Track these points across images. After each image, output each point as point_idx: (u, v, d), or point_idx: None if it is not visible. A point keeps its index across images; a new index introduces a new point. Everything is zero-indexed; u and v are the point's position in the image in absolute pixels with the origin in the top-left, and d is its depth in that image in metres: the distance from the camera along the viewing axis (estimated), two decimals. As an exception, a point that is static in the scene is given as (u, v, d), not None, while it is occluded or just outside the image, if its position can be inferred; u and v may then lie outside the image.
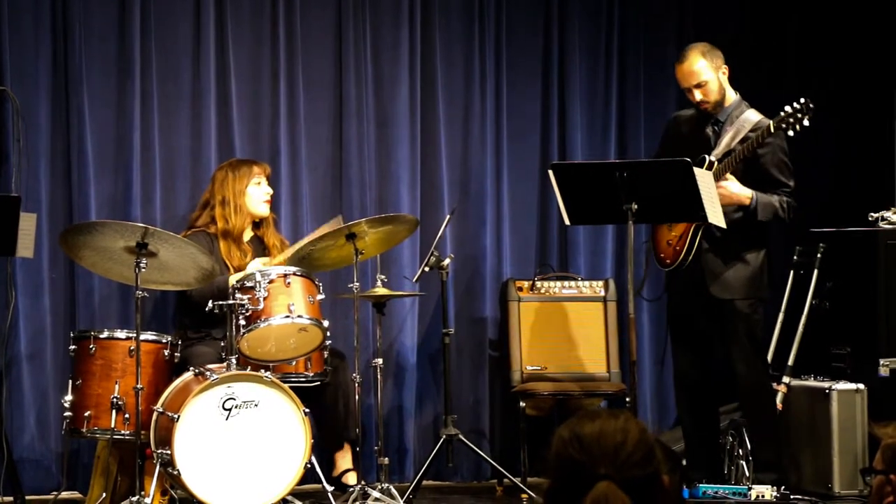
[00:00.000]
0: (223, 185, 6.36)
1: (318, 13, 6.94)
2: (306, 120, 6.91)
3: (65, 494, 6.31)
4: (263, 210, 6.44)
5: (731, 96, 6.04)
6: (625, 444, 2.28)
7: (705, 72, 5.96)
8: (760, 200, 5.87)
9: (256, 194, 6.39)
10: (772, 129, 5.73)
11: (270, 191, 6.46)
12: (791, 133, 5.74)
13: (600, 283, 7.01)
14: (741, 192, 5.85)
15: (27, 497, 6.32)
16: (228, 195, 6.34)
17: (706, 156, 5.90)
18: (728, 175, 5.84)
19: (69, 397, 5.80)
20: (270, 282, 5.77)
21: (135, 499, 5.50)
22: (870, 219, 6.67)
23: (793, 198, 5.95)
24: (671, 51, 7.43)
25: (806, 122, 5.69)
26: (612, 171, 5.64)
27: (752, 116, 5.92)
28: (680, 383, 6.21)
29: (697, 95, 5.97)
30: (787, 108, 5.71)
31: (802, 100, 5.68)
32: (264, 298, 5.73)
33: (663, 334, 7.22)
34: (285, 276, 5.81)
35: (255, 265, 6.19)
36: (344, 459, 6.37)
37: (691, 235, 5.93)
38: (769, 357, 6.59)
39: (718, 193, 5.75)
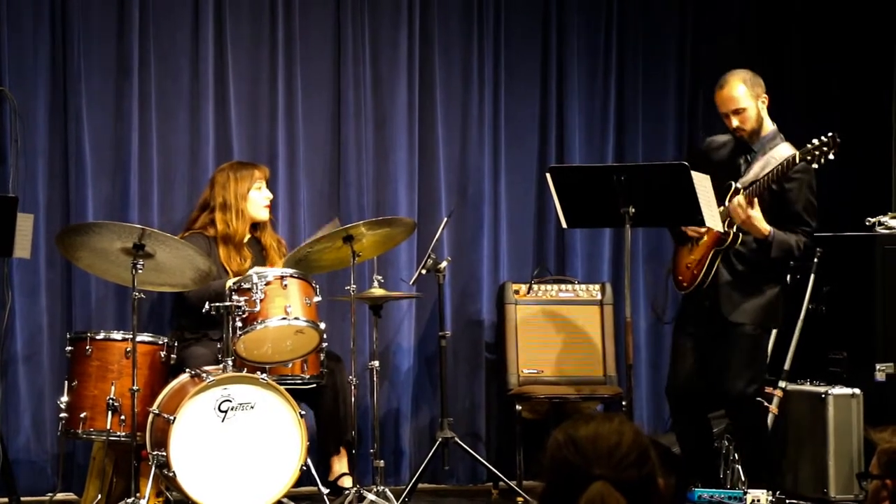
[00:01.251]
0: (225, 189, 6.33)
1: (317, 14, 6.94)
2: (304, 121, 6.91)
3: (60, 496, 6.31)
4: (264, 214, 6.43)
5: (769, 126, 5.99)
6: (619, 446, 2.29)
7: (744, 99, 5.91)
8: (777, 237, 5.82)
9: (258, 199, 6.38)
10: (797, 160, 5.70)
11: (271, 195, 6.46)
12: (815, 166, 5.71)
13: (597, 286, 7.01)
14: (762, 224, 5.81)
15: (22, 498, 6.30)
16: (230, 199, 6.32)
17: (732, 182, 5.87)
18: (755, 202, 5.80)
19: (65, 398, 5.80)
20: (267, 283, 5.77)
21: (130, 500, 5.49)
22: (867, 223, 6.68)
23: (810, 238, 5.93)
24: (670, 54, 7.45)
25: (831, 157, 5.65)
26: (609, 175, 5.64)
27: (785, 151, 5.85)
28: (673, 396, 6.18)
29: (734, 122, 5.93)
30: (815, 141, 5.67)
31: (830, 134, 5.65)
32: (261, 300, 5.72)
33: (660, 338, 7.24)
34: (282, 278, 5.80)
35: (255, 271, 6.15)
36: (340, 462, 6.36)
37: (710, 259, 5.92)
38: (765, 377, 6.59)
39: (738, 215, 5.72)
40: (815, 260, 6.70)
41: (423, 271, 6.54)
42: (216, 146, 6.77)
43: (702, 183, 5.63)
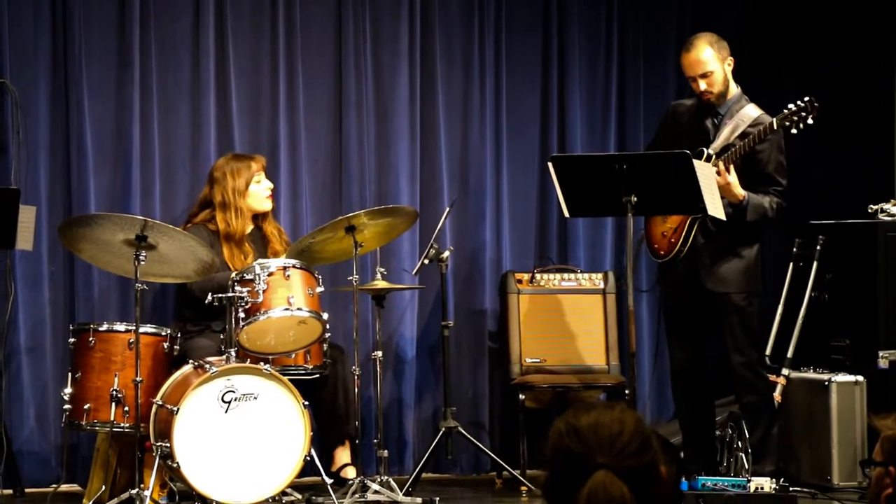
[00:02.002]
0: (222, 186, 6.29)
1: (318, 5, 6.93)
2: (306, 112, 6.90)
3: (64, 487, 6.31)
4: (266, 206, 6.41)
5: (734, 89, 6.02)
6: (621, 434, 2.29)
7: (712, 62, 5.94)
8: (752, 201, 5.84)
9: (258, 191, 6.36)
10: (774, 127, 5.72)
11: (271, 185, 6.44)
12: (794, 131, 5.73)
13: (599, 275, 7.01)
14: (738, 190, 5.83)
15: (27, 489, 6.33)
16: (229, 197, 6.29)
17: (704, 149, 5.89)
18: (731, 169, 5.82)
19: (69, 390, 5.80)
20: (270, 274, 5.77)
21: (134, 491, 5.51)
22: (869, 211, 6.67)
23: (783, 198, 5.94)
24: (671, 44, 7.43)
25: (810, 121, 5.68)
26: (611, 164, 5.64)
27: (752, 112, 5.91)
28: (676, 375, 6.22)
29: (702, 85, 5.96)
30: (791, 106, 5.69)
31: (807, 98, 5.67)
32: (264, 291, 5.73)
33: (663, 327, 7.24)
34: (284, 268, 5.81)
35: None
36: (343, 452, 6.36)
37: (687, 227, 5.93)
38: (769, 349, 6.59)
39: (719, 182, 5.74)
40: (818, 247, 6.69)
41: (426, 261, 6.54)
42: (217, 137, 6.77)
43: (704, 171, 5.63)
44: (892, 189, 7.19)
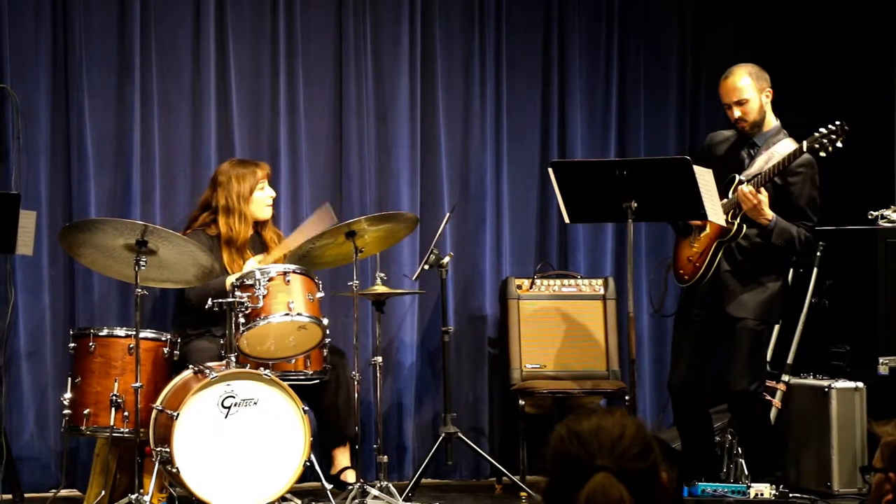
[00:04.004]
0: (227, 191, 6.28)
1: (319, 9, 6.94)
2: (306, 116, 6.90)
3: (64, 492, 6.31)
4: (267, 213, 6.41)
5: (772, 122, 5.99)
6: (622, 438, 2.29)
7: (748, 90, 5.92)
8: (779, 225, 5.82)
9: (261, 199, 6.36)
10: (804, 149, 5.70)
11: (273, 193, 6.44)
12: (823, 154, 5.71)
13: (600, 281, 7.01)
14: (766, 210, 5.80)
15: (26, 495, 6.33)
16: (233, 202, 6.28)
17: (736, 175, 5.87)
18: (761, 190, 5.79)
19: (68, 395, 5.80)
20: (270, 280, 5.77)
21: (134, 497, 5.50)
22: (869, 217, 6.67)
23: (811, 233, 5.92)
24: (672, 50, 7.45)
25: (839, 144, 5.67)
26: (611, 169, 5.64)
27: (789, 146, 5.85)
28: (675, 393, 6.18)
29: (736, 113, 5.93)
30: (822, 130, 5.68)
31: (838, 122, 5.66)
32: (264, 296, 5.73)
33: (663, 333, 7.24)
34: (285, 273, 5.81)
35: (251, 265, 6.16)
36: (343, 457, 6.36)
37: (712, 253, 5.92)
38: (769, 355, 6.59)
39: (749, 201, 5.71)
40: (818, 254, 6.69)
41: (426, 267, 6.54)
42: (218, 142, 6.77)
43: (704, 177, 5.63)
44: (892, 195, 7.19)
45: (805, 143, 5.71)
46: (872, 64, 7.48)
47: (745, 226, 5.85)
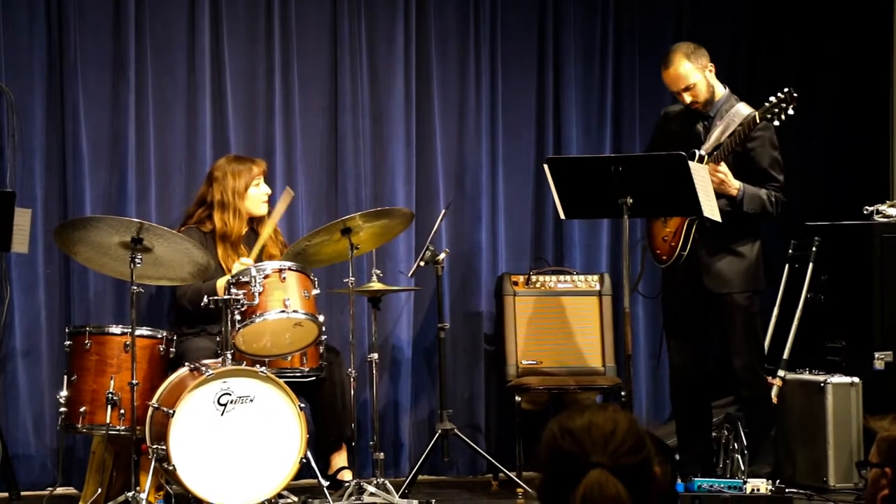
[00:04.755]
0: (222, 186, 6.29)
1: (313, 7, 6.93)
2: (301, 114, 6.90)
3: (60, 490, 6.30)
4: (262, 210, 6.41)
5: (720, 91, 6.03)
6: (615, 433, 2.29)
7: (692, 74, 5.95)
8: (747, 192, 5.86)
9: (256, 195, 6.37)
10: (757, 120, 5.74)
11: (269, 190, 6.44)
12: (776, 123, 5.75)
13: (595, 277, 7.01)
14: (731, 181, 5.84)
15: (22, 493, 6.33)
16: (228, 198, 6.29)
17: (696, 151, 5.89)
18: (722, 164, 5.83)
19: (64, 393, 5.79)
20: (266, 277, 5.76)
21: (130, 494, 5.50)
22: (865, 212, 6.68)
23: (782, 193, 5.94)
24: (667, 46, 7.40)
25: (790, 112, 5.70)
26: (607, 166, 5.64)
27: (743, 110, 5.91)
28: (674, 377, 6.22)
29: (687, 98, 5.97)
30: (772, 98, 5.71)
31: (786, 89, 5.68)
32: (259, 293, 5.72)
33: (659, 329, 7.25)
34: (280, 270, 5.80)
35: (237, 268, 6.13)
36: (340, 455, 6.36)
37: (685, 231, 5.93)
38: (768, 335, 6.60)
39: (714, 177, 5.74)
40: (814, 249, 6.70)
41: (422, 263, 6.54)
42: (213, 140, 6.77)
43: (699, 173, 5.63)
44: (888, 190, 7.19)
45: (757, 113, 5.73)
46: (869, 61, 7.48)
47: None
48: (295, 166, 6.88)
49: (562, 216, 5.89)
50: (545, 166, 5.87)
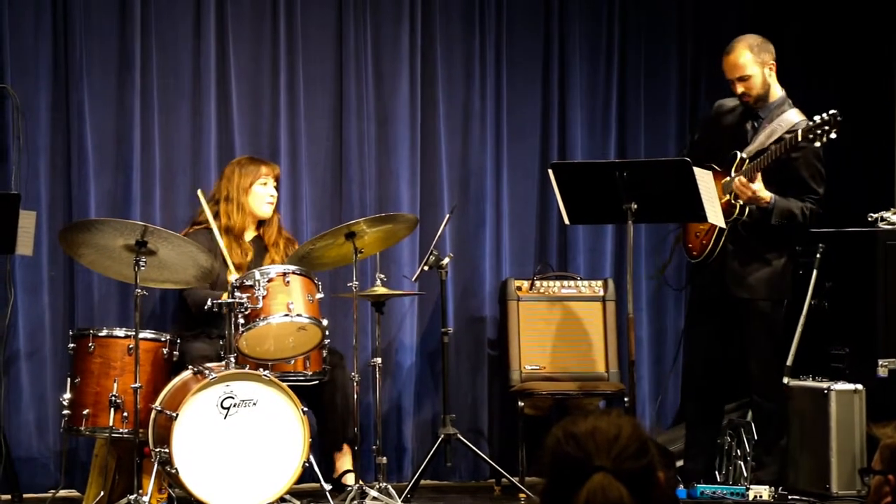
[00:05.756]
0: (229, 182, 6.40)
1: (319, 10, 6.94)
2: (306, 117, 6.91)
3: (63, 493, 6.31)
4: (266, 211, 6.43)
5: (777, 93, 6.04)
6: (619, 438, 2.29)
7: (750, 66, 5.95)
8: (778, 204, 5.87)
9: (260, 193, 6.39)
10: (799, 138, 5.73)
11: (276, 193, 6.46)
12: (818, 144, 5.75)
13: (599, 282, 7.00)
14: (763, 194, 5.84)
15: (25, 495, 6.33)
16: (232, 192, 6.37)
17: (738, 152, 5.90)
18: (758, 176, 5.82)
19: (68, 395, 5.80)
20: (269, 280, 5.77)
21: (133, 497, 5.50)
22: (869, 219, 6.67)
23: (818, 206, 5.96)
24: (672, 50, 7.45)
25: (833, 135, 5.70)
26: (611, 171, 5.65)
27: (793, 117, 5.91)
28: (689, 374, 6.24)
29: (739, 88, 5.98)
30: (817, 119, 5.71)
31: (832, 111, 5.69)
32: (263, 297, 5.73)
33: (663, 335, 7.25)
34: (284, 274, 5.81)
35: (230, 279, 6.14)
36: (343, 459, 6.36)
37: (718, 231, 5.95)
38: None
39: (744, 193, 5.75)
40: (818, 256, 6.69)
41: (426, 268, 6.54)
42: (218, 142, 6.78)
43: (703, 179, 5.64)
44: (892, 197, 7.18)
45: (800, 132, 5.73)
46: (872, 65, 7.48)
47: (748, 206, 5.88)
48: (299, 169, 6.88)
49: (566, 221, 5.90)
50: (550, 171, 5.87)
